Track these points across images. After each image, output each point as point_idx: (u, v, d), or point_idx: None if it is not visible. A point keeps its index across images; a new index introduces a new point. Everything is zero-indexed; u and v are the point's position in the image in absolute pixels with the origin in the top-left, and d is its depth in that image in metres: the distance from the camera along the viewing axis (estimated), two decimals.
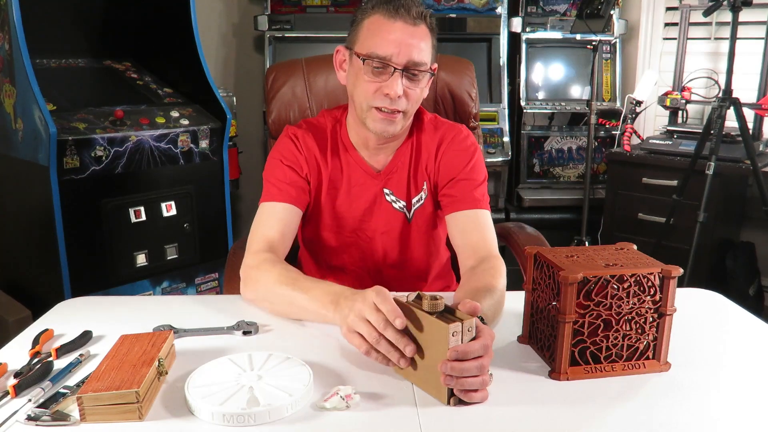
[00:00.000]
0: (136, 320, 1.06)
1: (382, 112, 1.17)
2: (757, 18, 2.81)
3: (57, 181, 1.96)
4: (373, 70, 1.15)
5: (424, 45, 1.15)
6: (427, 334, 0.84)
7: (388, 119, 1.18)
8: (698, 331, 1.06)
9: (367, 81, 1.16)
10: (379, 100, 1.16)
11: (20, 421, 0.78)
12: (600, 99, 3.12)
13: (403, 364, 0.86)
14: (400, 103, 1.16)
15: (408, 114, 1.20)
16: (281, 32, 3.08)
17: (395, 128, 1.20)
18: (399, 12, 1.13)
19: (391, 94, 1.14)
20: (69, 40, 2.38)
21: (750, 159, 2.41)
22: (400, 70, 1.14)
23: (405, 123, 1.22)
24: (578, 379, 0.89)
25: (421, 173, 1.30)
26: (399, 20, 1.13)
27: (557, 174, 3.21)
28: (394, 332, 0.85)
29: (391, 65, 1.13)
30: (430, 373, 0.84)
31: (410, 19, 1.14)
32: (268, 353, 0.92)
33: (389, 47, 1.13)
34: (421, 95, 1.21)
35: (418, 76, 1.16)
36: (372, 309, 0.87)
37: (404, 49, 1.13)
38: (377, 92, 1.16)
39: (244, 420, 0.78)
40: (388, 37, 1.13)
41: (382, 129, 1.19)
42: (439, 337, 0.82)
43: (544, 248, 0.97)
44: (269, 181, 1.26)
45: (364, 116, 1.20)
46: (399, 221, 1.31)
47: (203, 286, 2.44)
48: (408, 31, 1.14)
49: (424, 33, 1.16)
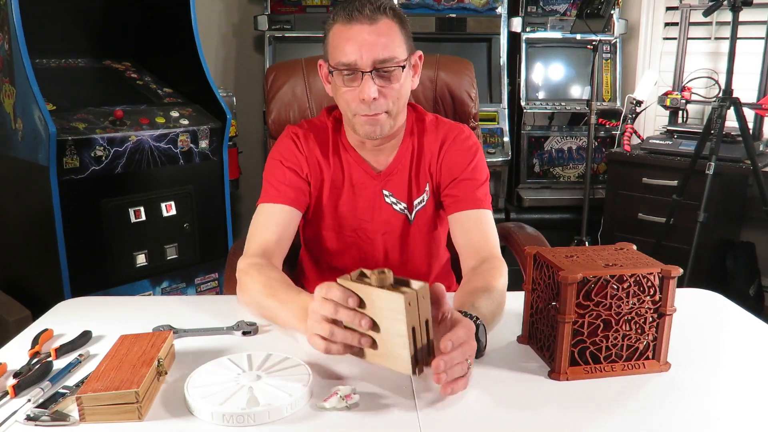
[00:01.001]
0: (136, 320, 1.06)
1: (365, 116, 1.16)
2: (757, 18, 2.81)
3: (57, 181, 1.96)
4: (344, 79, 1.15)
5: (387, 39, 1.13)
6: (381, 309, 0.82)
7: (372, 120, 1.17)
8: (698, 331, 1.06)
9: (344, 90, 1.16)
10: (358, 108, 1.16)
11: (20, 421, 0.78)
12: (600, 99, 3.12)
13: (365, 342, 0.84)
14: (378, 105, 1.15)
15: (393, 113, 1.18)
16: (281, 32, 3.08)
17: (383, 129, 1.19)
18: (353, 15, 1.12)
19: (366, 98, 1.13)
20: (69, 40, 2.38)
21: (750, 159, 2.41)
22: (369, 72, 1.12)
23: (394, 122, 1.20)
24: (578, 379, 0.89)
25: (423, 174, 1.30)
26: (355, 24, 1.12)
27: (557, 174, 3.21)
28: (346, 312, 0.84)
29: (358, 70, 1.13)
30: (390, 347, 0.82)
31: (366, 19, 1.12)
32: (268, 353, 0.92)
33: (352, 53, 1.12)
34: (403, 90, 1.18)
35: (391, 73, 1.14)
36: (321, 302, 0.85)
37: (366, 51, 1.11)
38: (355, 100, 1.15)
39: (243, 420, 0.78)
40: (348, 43, 1.12)
41: (370, 132, 1.18)
42: (394, 310, 0.80)
43: (544, 248, 0.97)
44: (269, 181, 1.26)
45: (351, 123, 1.20)
46: (400, 222, 1.31)
47: (203, 286, 2.44)
48: (366, 31, 1.12)
49: (386, 26, 1.13)
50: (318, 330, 0.86)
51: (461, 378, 0.83)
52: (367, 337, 0.84)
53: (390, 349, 0.83)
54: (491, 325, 1.00)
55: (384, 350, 0.84)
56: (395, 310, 0.80)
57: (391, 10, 1.15)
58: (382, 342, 0.84)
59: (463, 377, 0.83)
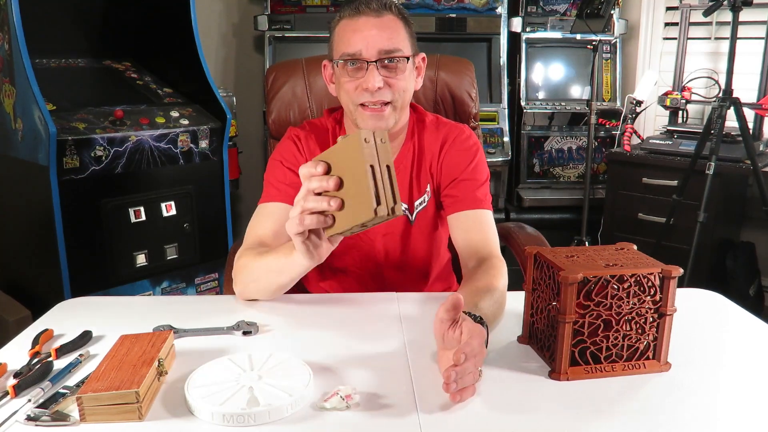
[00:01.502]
0: (136, 320, 1.06)
1: (369, 108, 1.17)
2: (757, 18, 2.81)
3: (57, 181, 1.96)
4: (349, 70, 1.16)
5: (392, 33, 1.15)
6: (345, 160, 0.84)
7: (377, 114, 1.17)
8: (698, 331, 1.06)
9: (347, 82, 1.17)
10: (361, 97, 1.16)
11: (20, 421, 0.78)
12: (600, 99, 3.12)
13: (334, 203, 0.86)
14: (383, 95, 1.15)
15: (397, 106, 1.19)
16: (281, 32, 3.08)
17: (387, 122, 1.19)
18: (360, 9, 1.15)
19: (370, 87, 1.14)
20: (69, 40, 2.37)
21: (750, 159, 2.41)
22: (374, 62, 1.14)
23: (398, 116, 1.21)
24: (578, 379, 0.89)
25: (424, 175, 1.30)
26: (362, 16, 1.15)
27: (557, 174, 3.21)
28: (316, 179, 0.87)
29: (363, 59, 1.14)
30: (355, 198, 0.84)
31: (372, 12, 1.15)
32: (268, 353, 0.92)
33: (357, 43, 1.14)
34: (408, 85, 1.19)
35: (396, 64, 1.16)
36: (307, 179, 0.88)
37: (371, 40, 1.13)
38: (358, 89, 1.16)
39: (244, 420, 0.78)
40: (354, 34, 1.14)
41: (373, 125, 1.18)
42: (353, 153, 0.81)
43: (544, 248, 0.97)
44: (269, 182, 1.26)
45: (354, 117, 1.20)
46: (401, 223, 1.31)
47: (203, 286, 2.44)
48: (372, 23, 1.14)
49: (391, 21, 1.16)
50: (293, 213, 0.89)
51: (470, 386, 0.83)
52: (336, 198, 0.86)
53: (355, 201, 0.84)
54: (493, 324, 1.01)
55: (350, 206, 0.85)
56: (354, 150, 0.81)
57: (396, 8, 1.18)
58: (349, 197, 0.85)
59: (472, 385, 0.83)
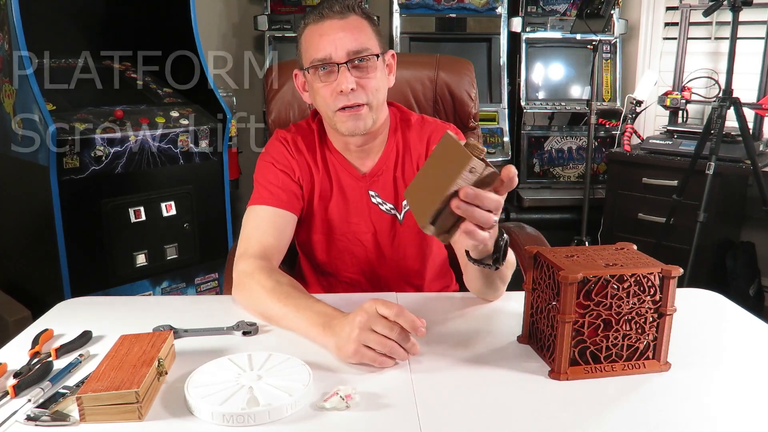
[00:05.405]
0: (136, 320, 1.06)
1: (346, 110, 1.17)
2: (757, 18, 2.81)
3: (57, 181, 1.96)
4: (321, 75, 1.16)
5: (359, 33, 1.16)
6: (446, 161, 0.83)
7: (354, 114, 1.17)
8: (698, 331, 1.06)
9: (321, 87, 1.17)
10: (338, 101, 1.16)
11: (20, 421, 0.78)
12: (600, 99, 3.13)
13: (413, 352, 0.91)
14: (357, 97, 1.16)
15: (374, 106, 1.19)
16: (281, 32, 3.08)
17: (365, 123, 1.19)
18: (324, 13, 1.16)
19: (343, 89, 1.14)
20: (69, 39, 2.38)
21: (750, 159, 2.41)
22: (344, 64, 1.14)
23: (375, 116, 1.20)
24: (578, 379, 0.89)
25: (409, 174, 1.29)
26: (326, 20, 1.16)
27: (557, 174, 3.21)
28: (400, 332, 0.89)
29: (333, 63, 1.14)
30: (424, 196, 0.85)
31: (336, 15, 1.16)
32: (268, 353, 0.92)
33: (326, 47, 1.14)
34: (380, 84, 1.19)
35: (366, 64, 1.16)
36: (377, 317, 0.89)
37: (339, 43, 1.14)
38: (333, 94, 1.16)
39: (243, 420, 0.78)
40: (322, 38, 1.15)
41: (352, 127, 1.18)
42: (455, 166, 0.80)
43: (544, 248, 0.97)
44: (261, 183, 1.25)
45: (333, 123, 1.20)
46: (388, 223, 1.30)
47: (203, 286, 2.44)
48: (337, 25, 1.15)
49: (356, 21, 1.17)
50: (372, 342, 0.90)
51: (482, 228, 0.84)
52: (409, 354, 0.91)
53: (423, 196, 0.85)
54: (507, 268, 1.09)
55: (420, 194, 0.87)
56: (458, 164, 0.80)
57: (360, 9, 1.19)
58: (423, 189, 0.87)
59: (484, 229, 0.84)
